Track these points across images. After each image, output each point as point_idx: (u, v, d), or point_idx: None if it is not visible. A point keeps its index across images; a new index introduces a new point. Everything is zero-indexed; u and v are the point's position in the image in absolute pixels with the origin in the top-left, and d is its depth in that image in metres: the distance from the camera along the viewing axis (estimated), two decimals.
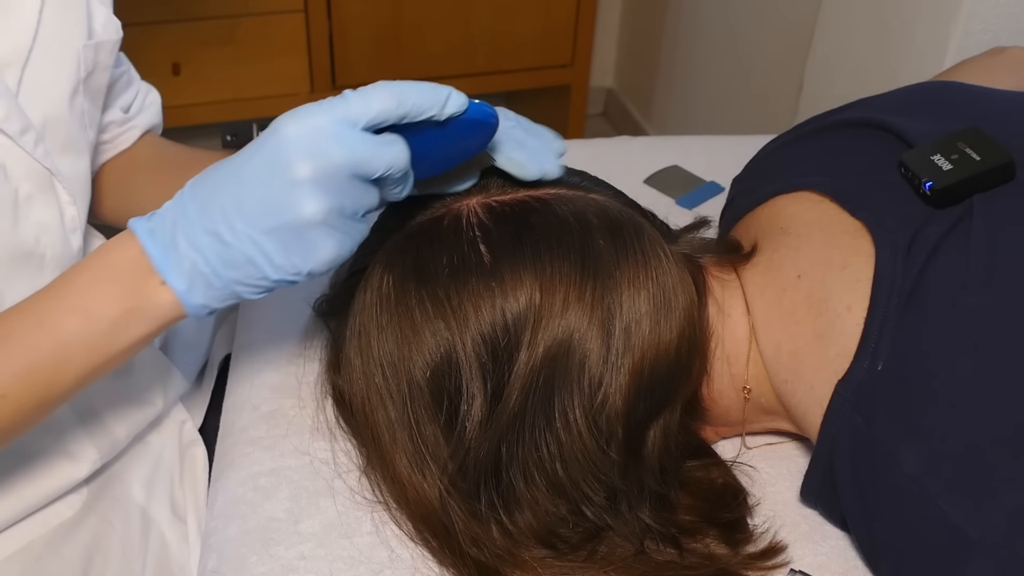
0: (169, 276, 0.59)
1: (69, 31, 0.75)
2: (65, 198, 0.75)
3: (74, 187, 0.76)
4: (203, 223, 0.58)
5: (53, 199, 0.74)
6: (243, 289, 0.60)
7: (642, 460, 0.69)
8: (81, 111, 0.77)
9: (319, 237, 0.58)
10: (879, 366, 0.66)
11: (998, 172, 0.72)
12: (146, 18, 1.96)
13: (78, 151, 0.77)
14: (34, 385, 0.60)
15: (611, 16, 2.57)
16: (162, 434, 0.91)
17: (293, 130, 0.57)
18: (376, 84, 0.58)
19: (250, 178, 0.57)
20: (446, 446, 0.68)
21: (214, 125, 2.28)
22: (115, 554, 0.81)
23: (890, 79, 1.37)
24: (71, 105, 0.75)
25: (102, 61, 0.78)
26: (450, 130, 0.61)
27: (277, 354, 0.88)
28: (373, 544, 0.72)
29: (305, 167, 0.56)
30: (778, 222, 0.79)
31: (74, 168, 0.76)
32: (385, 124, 0.58)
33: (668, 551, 0.70)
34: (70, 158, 0.76)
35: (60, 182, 0.74)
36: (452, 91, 0.60)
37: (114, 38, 0.79)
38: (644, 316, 0.68)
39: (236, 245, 0.58)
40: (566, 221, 0.69)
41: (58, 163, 0.74)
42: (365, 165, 0.57)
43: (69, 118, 0.75)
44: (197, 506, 0.87)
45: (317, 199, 0.57)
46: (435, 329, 0.67)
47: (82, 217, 0.78)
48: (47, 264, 0.74)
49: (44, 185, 0.73)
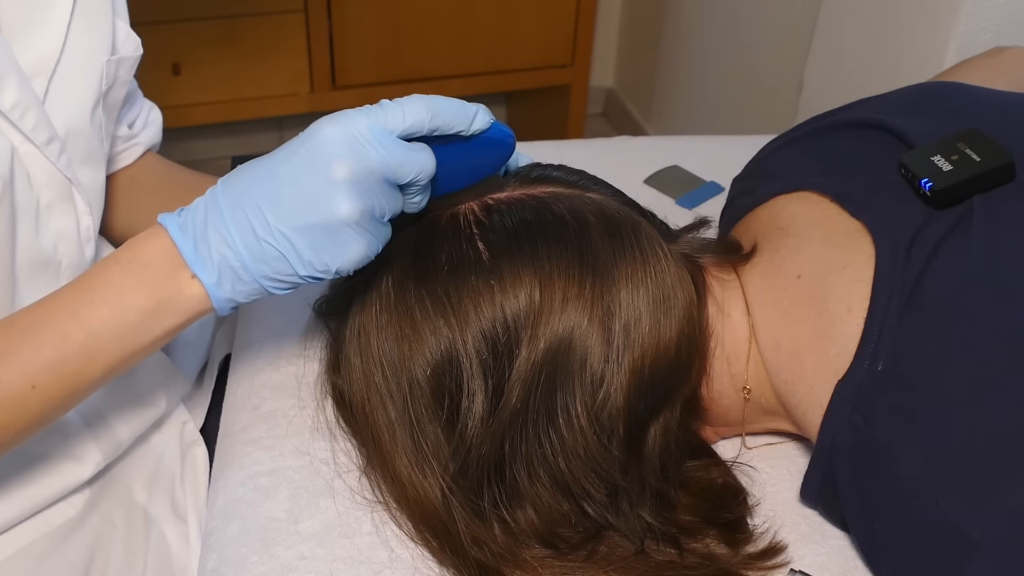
0: (199, 269, 0.60)
1: (95, 45, 0.76)
2: (82, 208, 0.77)
3: (91, 197, 0.78)
4: (235, 218, 0.59)
5: (71, 208, 0.76)
6: (270, 284, 0.61)
7: (643, 458, 0.69)
8: (100, 124, 0.78)
9: (350, 237, 0.60)
10: (879, 367, 0.66)
11: (998, 173, 0.72)
12: (146, 18, 1.95)
13: (96, 162, 0.78)
14: (64, 376, 0.61)
15: (611, 16, 2.57)
16: (164, 434, 0.91)
17: (332, 132, 0.59)
18: (412, 96, 0.61)
19: (287, 176, 0.59)
20: (447, 445, 0.68)
21: (214, 125, 2.29)
22: (117, 554, 0.81)
23: (890, 79, 1.37)
24: (92, 117, 0.77)
25: (121, 76, 0.80)
26: (472, 146, 0.65)
27: (277, 354, 0.88)
28: (373, 544, 0.72)
29: (343, 168, 0.58)
30: (778, 222, 0.79)
31: (92, 179, 0.78)
32: (417, 135, 0.61)
33: (668, 551, 0.70)
34: (88, 169, 0.77)
35: (79, 192, 0.76)
36: (480, 108, 0.63)
37: (134, 55, 0.81)
38: (644, 314, 0.68)
39: (268, 240, 0.59)
40: (563, 219, 0.69)
41: (77, 173, 0.76)
42: (397, 169, 0.60)
43: (90, 130, 0.76)
44: (198, 506, 0.87)
45: (352, 199, 0.59)
46: (435, 327, 0.67)
47: (96, 227, 0.79)
48: (63, 273, 0.76)
49: (64, 194, 0.75)
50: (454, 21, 2.15)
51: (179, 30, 2.00)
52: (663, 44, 2.33)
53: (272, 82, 2.13)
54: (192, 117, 2.13)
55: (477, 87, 2.26)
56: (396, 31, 2.12)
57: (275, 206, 0.59)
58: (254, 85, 2.13)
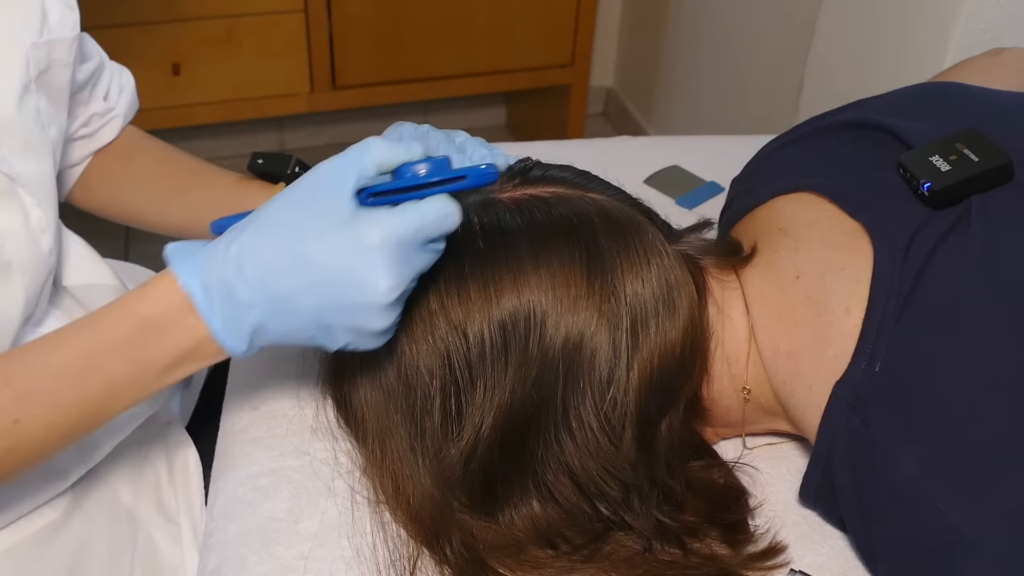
0: (227, 341, 0.60)
1: (13, 30, 0.73)
2: (28, 200, 0.73)
3: (37, 189, 0.74)
4: (266, 305, 0.59)
5: (16, 203, 0.73)
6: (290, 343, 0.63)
7: (655, 456, 0.70)
8: (36, 110, 0.75)
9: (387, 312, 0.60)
10: (877, 367, 0.66)
11: (996, 173, 0.72)
12: (146, 18, 1.96)
13: (38, 151, 0.75)
14: (84, 417, 0.63)
15: (611, 16, 2.57)
16: (145, 431, 0.89)
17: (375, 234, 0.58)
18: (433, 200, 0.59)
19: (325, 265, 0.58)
20: (449, 444, 0.68)
21: (214, 125, 2.29)
22: (101, 555, 0.80)
23: (890, 79, 1.37)
24: (20, 105, 0.73)
25: (59, 59, 0.76)
26: None
27: (277, 354, 0.88)
28: (373, 544, 0.72)
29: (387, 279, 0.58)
30: (777, 223, 0.79)
31: (37, 169, 0.74)
32: None
33: (671, 551, 0.70)
34: (31, 160, 0.74)
35: (21, 186, 0.73)
36: None
37: (70, 35, 0.77)
38: (650, 314, 0.68)
39: (301, 332, 0.61)
40: (568, 220, 0.69)
41: (17, 166, 0.72)
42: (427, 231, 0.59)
43: (19, 119, 0.73)
44: (191, 507, 0.87)
45: (390, 278, 0.58)
46: (438, 327, 0.67)
47: (50, 218, 0.76)
48: (14, 270, 0.73)
49: (4, 191, 0.72)
50: (454, 21, 2.15)
51: (179, 30, 1.99)
52: (663, 44, 2.33)
53: (272, 82, 2.13)
54: (192, 117, 2.13)
55: (477, 87, 2.26)
56: (396, 31, 2.12)
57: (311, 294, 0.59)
58: (254, 85, 2.12)
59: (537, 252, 0.67)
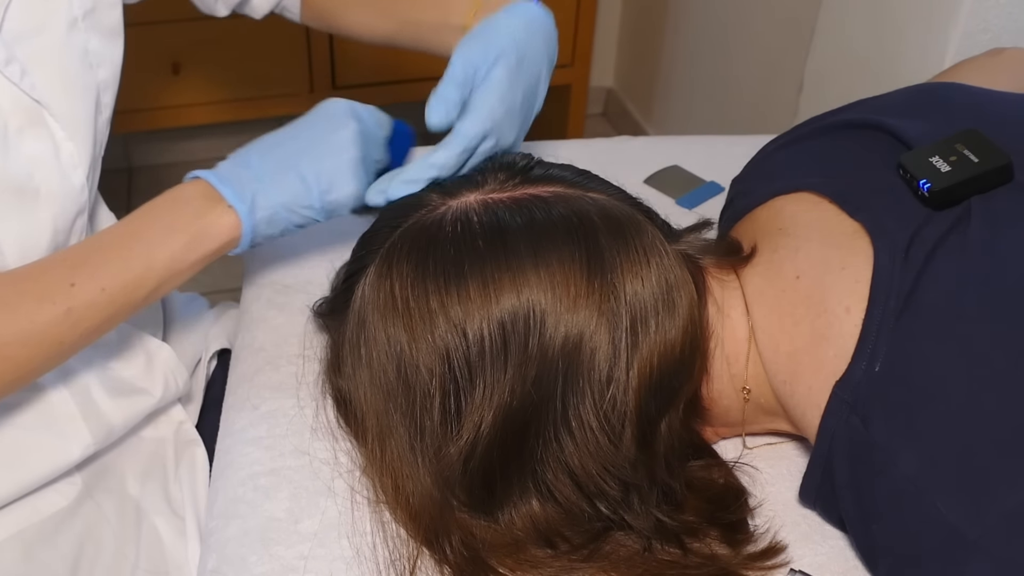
0: (235, 203, 0.73)
1: None
2: (60, 134, 0.75)
3: (71, 124, 0.76)
4: (267, 170, 0.75)
5: (45, 133, 0.74)
6: (288, 215, 0.76)
7: (655, 456, 0.70)
8: (83, 50, 0.76)
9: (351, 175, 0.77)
10: (876, 367, 0.66)
11: (996, 174, 0.72)
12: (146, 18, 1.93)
13: (79, 90, 0.76)
14: (127, 286, 0.71)
15: (611, 16, 2.57)
16: (158, 429, 0.90)
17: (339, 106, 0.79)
18: None
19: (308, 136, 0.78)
20: (449, 443, 0.68)
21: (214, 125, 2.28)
22: (108, 545, 0.81)
23: (890, 79, 1.37)
24: (67, 42, 0.74)
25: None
26: None
27: (277, 354, 0.88)
28: (373, 544, 0.72)
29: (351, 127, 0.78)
30: (777, 223, 0.79)
31: (73, 106, 0.76)
32: None
33: (671, 551, 0.70)
34: (68, 98, 0.75)
35: (51, 115, 0.74)
36: None
37: None
38: (650, 314, 0.68)
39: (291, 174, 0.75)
40: (568, 219, 0.69)
41: (52, 99, 0.74)
42: None
43: (61, 53, 0.74)
44: (196, 503, 0.87)
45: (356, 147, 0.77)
46: (437, 326, 0.67)
47: (83, 154, 0.77)
48: (42, 200, 0.74)
49: (35, 119, 0.73)
50: None
51: (179, 30, 1.99)
52: (663, 44, 2.33)
53: (272, 82, 2.13)
54: (192, 117, 2.13)
55: None
56: None
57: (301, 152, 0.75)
58: (254, 85, 2.12)
59: (537, 251, 0.67)
